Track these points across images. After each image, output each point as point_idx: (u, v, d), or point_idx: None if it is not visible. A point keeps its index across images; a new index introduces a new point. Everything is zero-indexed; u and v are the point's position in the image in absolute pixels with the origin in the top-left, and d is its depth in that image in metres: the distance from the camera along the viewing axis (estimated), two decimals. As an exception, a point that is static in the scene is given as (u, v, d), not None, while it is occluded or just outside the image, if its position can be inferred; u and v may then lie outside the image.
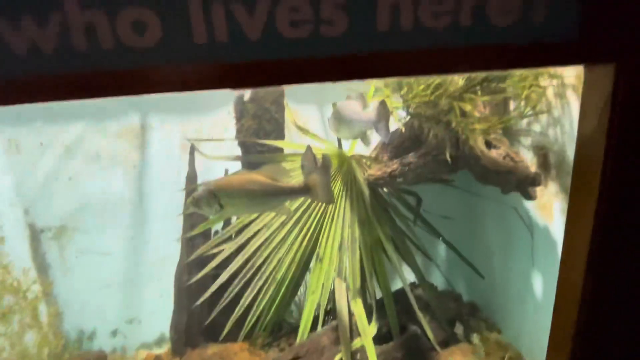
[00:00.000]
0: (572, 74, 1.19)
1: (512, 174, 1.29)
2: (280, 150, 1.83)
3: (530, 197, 1.34)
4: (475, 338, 1.61)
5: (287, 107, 1.87)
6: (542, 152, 1.35)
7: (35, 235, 1.88)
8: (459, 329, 1.72)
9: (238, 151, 1.87)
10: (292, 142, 1.85)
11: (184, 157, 1.90)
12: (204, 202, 1.08)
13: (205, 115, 1.99)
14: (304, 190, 1.14)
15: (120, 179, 1.93)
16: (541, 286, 1.49)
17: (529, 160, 1.41)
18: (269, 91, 1.84)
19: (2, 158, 1.80)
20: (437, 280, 1.99)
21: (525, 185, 1.30)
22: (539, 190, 1.37)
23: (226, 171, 1.84)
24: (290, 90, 1.87)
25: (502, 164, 1.31)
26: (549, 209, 1.40)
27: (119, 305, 1.98)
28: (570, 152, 1.27)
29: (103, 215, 1.92)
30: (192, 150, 1.87)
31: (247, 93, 1.85)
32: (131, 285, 1.98)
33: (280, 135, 1.87)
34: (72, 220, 1.90)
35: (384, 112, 1.14)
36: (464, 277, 2.01)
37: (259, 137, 1.82)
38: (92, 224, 1.91)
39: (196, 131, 1.98)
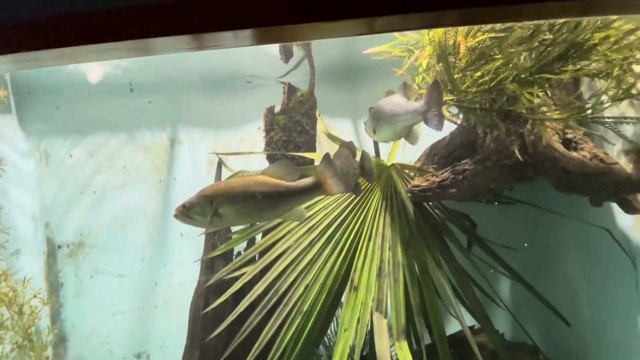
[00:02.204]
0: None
1: (606, 176, 0.99)
2: (311, 162, 1.66)
3: (634, 208, 1.02)
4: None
5: (319, 118, 1.74)
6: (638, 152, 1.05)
7: (52, 252, 1.80)
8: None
9: (266, 165, 1.73)
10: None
11: (211, 172, 1.81)
12: (196, 210, 0.87)
13: (235, 131, 1.92)
14: (316, 186, 0.95)
15: (144, 195, 1.86)
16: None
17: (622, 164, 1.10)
18: (301, 103, 1.73)
19: (30, 168, 1.81)
20: (501, 326, 1.60)
21: (626, 190, 0.99)
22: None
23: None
24: (323, 103, 1.75)
25: (591, 166, 1.02)
26: (660, 228, 1.06)
27: (129, 336, 1.79)
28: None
29: (123, 233, 1.82)
30: (220, 165, 1.78)
31: (277, 105, 1.76)
32: (143, 313, 1.80)
33: (312, 148, 1.72)
34: (91, 236, 1.82)
35: (436, 94, 0.94)
36: (537, 323, 1.59)
37: (288, 150, 1.69)
38: (111, 241, 1.82)
39: (225, 147, 1.91)
